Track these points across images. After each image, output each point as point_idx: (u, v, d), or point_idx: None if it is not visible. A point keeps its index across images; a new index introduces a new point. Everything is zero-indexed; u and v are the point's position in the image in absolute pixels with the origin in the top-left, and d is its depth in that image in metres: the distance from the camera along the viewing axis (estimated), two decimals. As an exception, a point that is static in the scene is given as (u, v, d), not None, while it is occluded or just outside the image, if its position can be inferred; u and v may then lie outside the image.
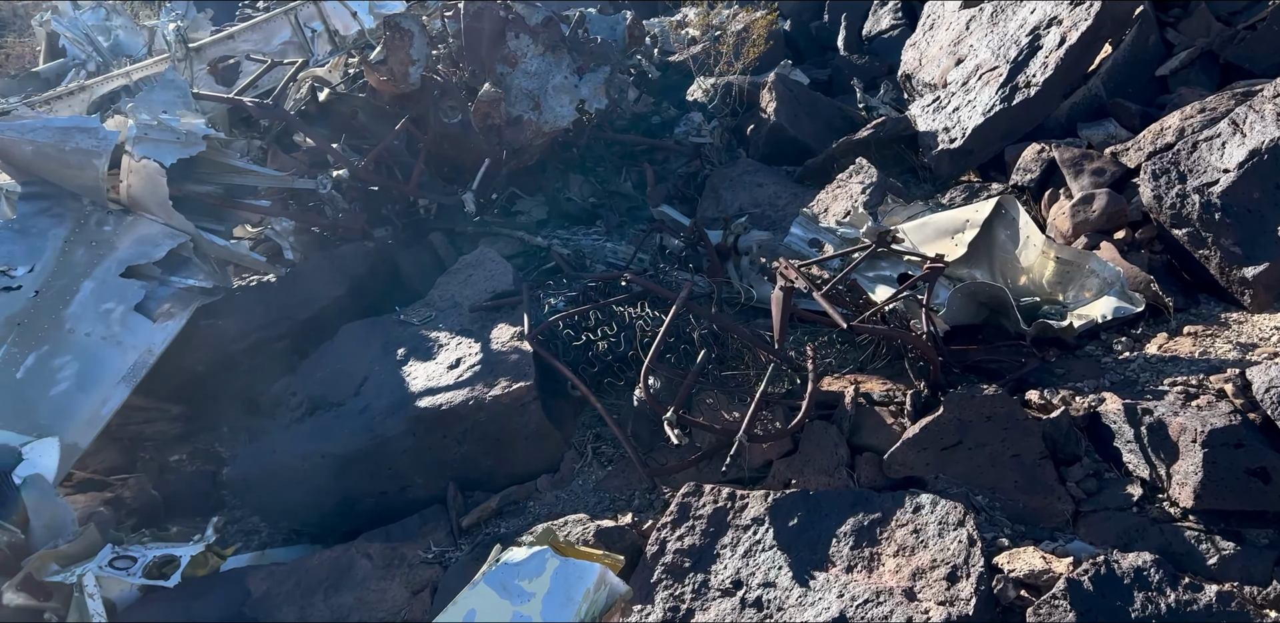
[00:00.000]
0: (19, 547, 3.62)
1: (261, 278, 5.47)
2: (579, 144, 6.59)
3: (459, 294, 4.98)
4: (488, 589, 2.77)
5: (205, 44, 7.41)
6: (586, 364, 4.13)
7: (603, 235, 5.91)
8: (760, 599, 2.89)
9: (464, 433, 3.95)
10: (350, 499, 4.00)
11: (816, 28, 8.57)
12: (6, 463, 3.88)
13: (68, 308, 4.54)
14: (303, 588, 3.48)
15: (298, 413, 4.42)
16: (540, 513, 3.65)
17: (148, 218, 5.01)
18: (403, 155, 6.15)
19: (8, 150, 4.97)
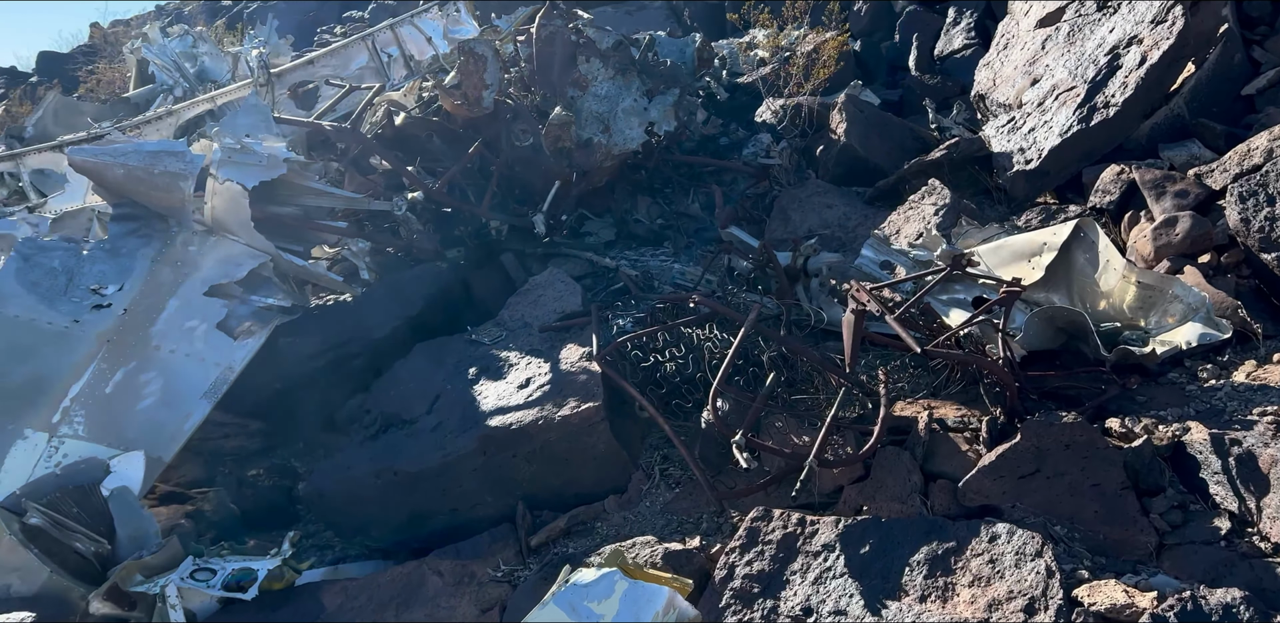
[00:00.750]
0: (106, 557, 3.74)
1: (338, 297, 5.60)
2: (647, 166, 6.63)
3: (529, 314, 5.04)
4: (557, 610, 2.78)
5: (286, 70, 7.67)
6: (654, 386, 4.14)
7: (670, 257, 5.93)
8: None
9: (533, 452, 3.98)
10: (421, 516, 4.05)
11: (887, 48, 8.53)
12: (95, 476, 4.02)
13: (154, 325, 4.71)
14: (375, 604, 3.53)
15: (371, 430, 4.50)
16: (608, 534, 3.65)
17: (230, 238, 5.17)
18: (475, 178, 6.27)
19: (101, 173, 5.19)
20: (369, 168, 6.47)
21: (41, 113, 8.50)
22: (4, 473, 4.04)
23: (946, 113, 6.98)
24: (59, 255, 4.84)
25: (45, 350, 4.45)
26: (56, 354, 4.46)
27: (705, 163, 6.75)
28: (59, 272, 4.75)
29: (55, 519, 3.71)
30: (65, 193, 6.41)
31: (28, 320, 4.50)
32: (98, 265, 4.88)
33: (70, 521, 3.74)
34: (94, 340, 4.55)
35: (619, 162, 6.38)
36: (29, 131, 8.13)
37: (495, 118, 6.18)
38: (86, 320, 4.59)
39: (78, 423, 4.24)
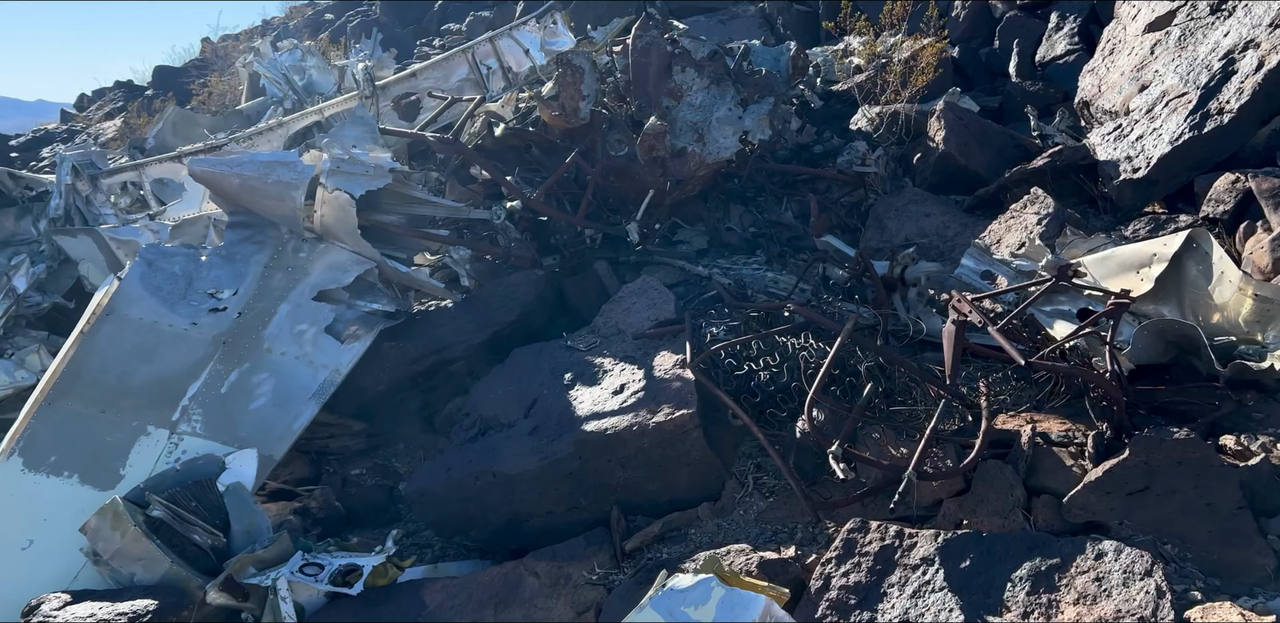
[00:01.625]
0: (221, 550, 3.93)
1: (439, 303, 5.76)
2: (741, 174, 6.65)
3: (622, 321, 5.10)
4: (654, 614, 2.81)
5: (390, 82, 7.92)
6: (748, 394, 4.14)
7: (763, 265, 5.93)
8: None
9: (627, 458, 4.03)
10: (518, 518, 4.14)
11: (986, 54, 8.37)
12: (212, 472, 4.23)
13: (266, 328, 4.92)
14: (474, 602, 3.62)
15: (470, 432, 4.62)
16: (702, 541, 3.68)
17: (338, 246, 5.36)
18: (571, 187, 6.38)
19: (218, 183, 5.45)
20: (469, 178, 6.64)
21: (161, 125, 8.95)
22: (128, 468, 4.26)
23: (1049, 120, 6.83)
24: (179, 261, 5.09)
25: (166, 351, 4.69)
26: (176, 355, 4.70)
27: (799, 171, 6.73)
28: (179, 276, 5.00)
29: (175, 512, 3.91)
30: (183, 201, 6.73)
31: (150, 323, 4.74)
32: (214, 271, 5.12)
33: (189, 514, 3.93)
34: (210, 342, 4.77)
35: (713, 170, 6.41)
36: (150, 143, 8.58)
37: (591, 128, 6.28)
38: (204, 323, 4.82)
39: (196, 421, 4.46)
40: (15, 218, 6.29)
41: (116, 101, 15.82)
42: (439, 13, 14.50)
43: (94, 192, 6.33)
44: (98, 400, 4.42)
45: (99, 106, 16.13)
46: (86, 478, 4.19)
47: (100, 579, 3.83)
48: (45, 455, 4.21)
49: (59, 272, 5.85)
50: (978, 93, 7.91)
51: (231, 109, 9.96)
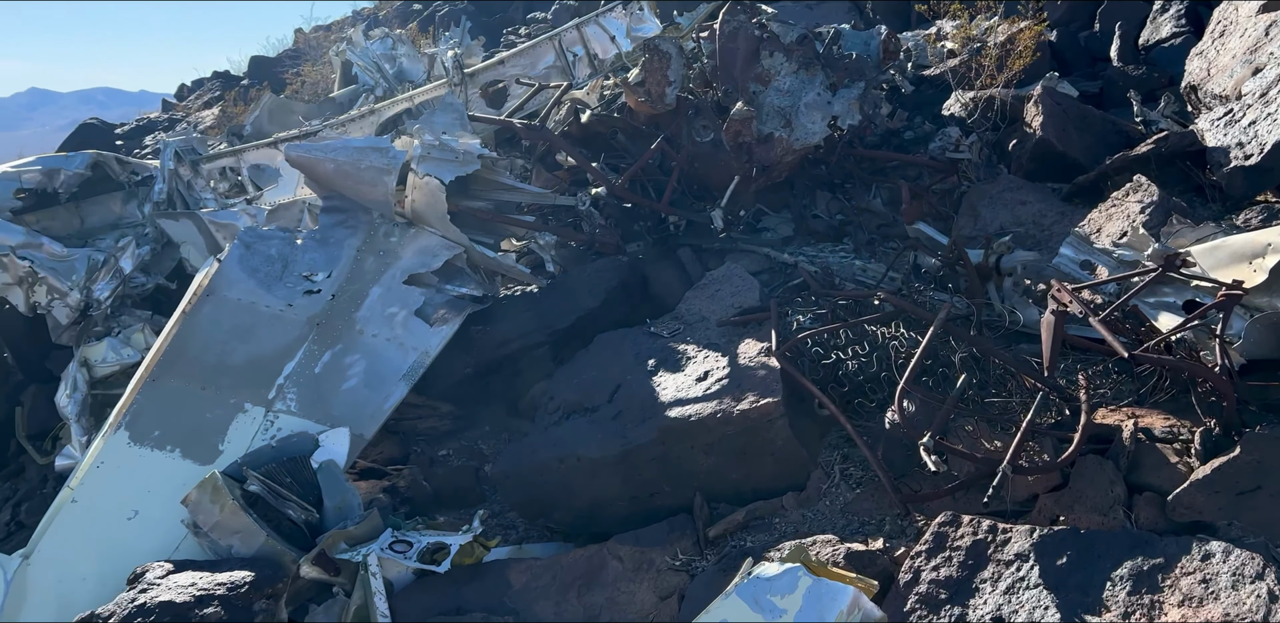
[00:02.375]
0: (314, 525, 4.04)
1: (525, 288, 5.81)
2: (829, 161, 6.54)
3: (706, 309, 5.07)
4: (740, 602, 2.80)
5: (478, 69, 8.00)
6: (835, 383, 4.08)
7: (851, 253, 5.83)
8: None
9: (711, 445, 4.01)
10: (601, 502, 4.16)
11: (1086, 38, 8.07)
12: (305, 449, 4.34)
13: (358, 311, 5.02)
14: (558, 584, 3.66)
15: (555, 416, 4.65)
16: (786, 531, 3.64)
17: (428, 231, 5.44)
18: (656, 174, 6.36)
19: (312, 168, 5.58)
20: (555, 164, 6.67)
21: (258, 112, 9.21)
22: (227, 443, 4.41)
23: (1153, 105, 6.55)
24: (276, 244, 5.23)
25: (263, 332, 4.83)
26: (272, 335, 4.83)
27: (889, 157, 6.59)
28: (275, 259, 5.14)
29: (271, 488, 4.03)
30: (279, 186, 6.92)
31: (248, 304, 4.89)
32: (309, 254, 5.24)
33: (284, 490, 4.05)
34: (305, 324, 4.89)
35: (799, 156, 6.31)
36: (247, 129, 8.83)
37: (677, 114, 6.25)
38: (299, 305, 4.95)
39: (290, 400, 4.58)
40: (122, 202, 6.55)
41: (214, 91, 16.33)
42: (525, 1, 14.60)
43: (195, 177, 6.55)
44: (198, 378, 4.57)
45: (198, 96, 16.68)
46: (188, 452, 4.34)
47: (200, 550, 3.98)
48: (150, 430, 4.38)
49: (162, 254, 6.08)
50: (1077, 78, 7.63)
51: (324, 97, 10.19)
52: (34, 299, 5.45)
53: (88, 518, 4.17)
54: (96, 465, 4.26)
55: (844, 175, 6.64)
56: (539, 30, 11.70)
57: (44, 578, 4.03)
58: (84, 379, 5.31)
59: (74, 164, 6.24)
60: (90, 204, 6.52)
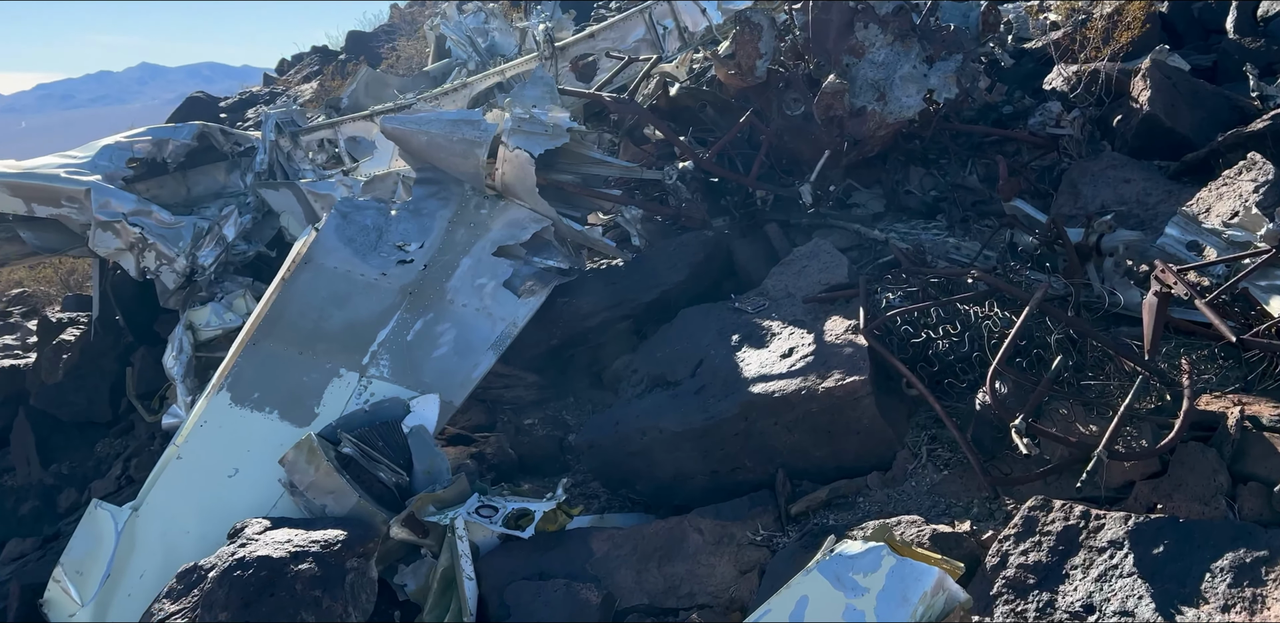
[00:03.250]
0: (404, 488, 4.16)
1: (610, 262, 5.83)
2: (923, 135, 6.38)
3: (792, 285, 5.02)
4: (821, 579, 2.79)
5: (569, 43, 8.01)
6: (925, 363, 4.01)
7: (944, 230, 5.70)
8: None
9: (794, 422, 3.99)
10: (683, 475, 4.18)
11: (1200, 9, 7.67)
12: (397, 414, 4.46)
13: (449, 281, 5.12)
14: (639, 554, 3.70)
15: (638, 389, 4.68)
16: (870, 510, 3.61)
17: (517, 203, 5.50)
18: (744, 147, 6.30)
19: (407, 140, 5.68)
20: (643, 138, 6.65)
21: (354, 86, 9.40)
22: (322, 407, 4.56)
23: (1271, 80, 6.21)
24: (371, 214, 5.35)
25: (358, 299, 4.96)
26: (367, 303, 4.97)
27: (987, 132, 6.41)
28: (370, 229, 5.26)
29: (364, 451, 4.16)
30: (374, 158, 7.07)
31: (344, 272, 5.02)
32: (402, 224, 5.35)
33: (376, 453, 4.18)
34: (398, 292, 5.01)
35: (893, 131, 6.17)
36: (344, 102, 9.03)
37: (767, 87, 6.16)
38: (392, 274, 5.07)
39: (383, 366, 4.71)
40: (226, 172, 6.78)
41: (313, 65, 16.74)
42: (615, -26, 14.53)
43: (294, 148, 6.74)
44: (296, 343, 4.73)
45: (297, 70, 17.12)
46: (285, 414, 4.50)
47: (295, 509, 4.13)
48: (250, 392, 4.56)
49: (263, 222, 6.29)
50: (1188, 51, 7.26)
51: (419, 71, 10.35)
52: (144, 264, 5.70)
53: (191, 474, 4.37)
54: (200, 425, 4.46)
55: (939, 150, 6.48)
56: (629, 3, 11.64)
57: (151, 529, 4.25)
58: (189, 342, 5.55)
59: (181, 135, 6.48)
60: (196, 174, 6.77)
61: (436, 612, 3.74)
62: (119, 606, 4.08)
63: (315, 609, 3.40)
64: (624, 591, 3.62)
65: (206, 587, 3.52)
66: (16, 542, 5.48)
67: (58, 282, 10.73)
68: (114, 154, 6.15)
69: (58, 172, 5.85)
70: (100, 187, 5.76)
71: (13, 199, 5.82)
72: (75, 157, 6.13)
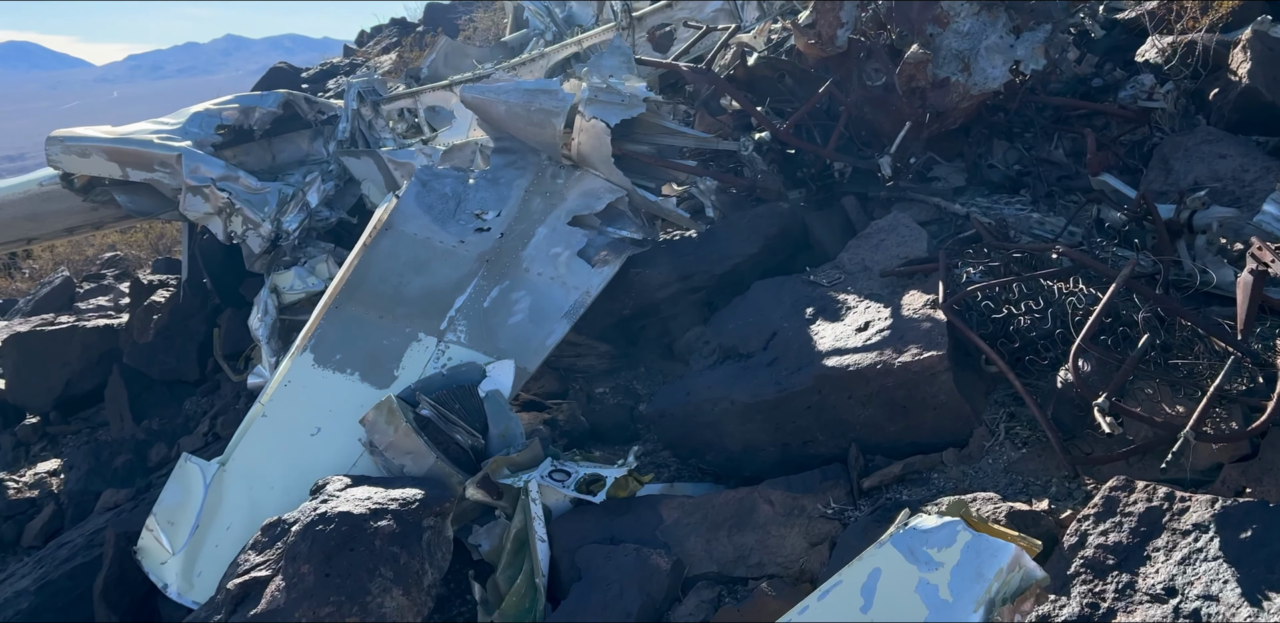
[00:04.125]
0: (479, 450, 4.24)
1: (684, 233, 5.83)
2: (1008, 108, 6.20)
3: (869, 259, 4.96)
4: (894, 552, 2.78)
5: (646, 13, 7.96)
6: (1005, 339, 3.94)
7: (1028, 205, 5.57)
8: (1198, 612, 2.63)
9: (869, 396, 3.96)
10: (753, 447, 4.19)
11: (1310, -26, 7.29)
12: (473, 379, 4.55)
13: (525, 249, 5.17)
14: (709, 523, 3.73)
15: (709, 360, 4.69)
16: (944, 486, 3.58)
17: (592, 173, 5.52)
18: (822, 119, 6.20)
19: (485, 109, 5.73)
20: (719, 108, 6.59)
21: (434, 56, 9.49)
22: (401, 370, 4.66)
23: (1384, 50, 5.89)
24: (450, 182, 5.42)
25: (436, 266, 5.05)
26: (445, 270, 5.05)
27: (1075, 105, 6.20)
28: (449, 197, 5.33)
29: (442, 413, 4.25)
30: (452, 128, 7.14)
31: (424, 239, 5.11)
32: (480, 193, 5.41)
33: (453, 416, 4.26)
34: (475, 260, 5.08)
35: (977, 103, 6.02)
36: (424, 73, 9.13)
37: (847, 57, 6.05)
38: (470, 241, 5.14)
39: (460, 331, 4.79)
40: (309, 140, 6.92)
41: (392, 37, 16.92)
42: (693, -58, 14.34)
43: (375, 117, 6.85)
44: (376, 307, 4.84)
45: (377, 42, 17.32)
46: (365, 376, 4.62)
47: (374, 468, 4.25)
48: (332, 354, 4.68)
49: (344, 190, 6.41)
50: (1296, 20, 6.93)
51: (497, 41, 10.39)
52: (231, 229, 5.88)
53: (276, 432, 4.52)
54: (284, 384, 4.60)
55: (1024, 123, 6.30)
56: (707, -28, 11.49)
57: (237, 484, 4.41)
58: (274, 305, 5.71)
59: (268, 103, 6.64)
60: (281, 141, 6.92)
61: (509, 572, 3.83)
62: (207, 555, 4.26)
63: (393, 565, 3.51)
64: (693, 558, 3.66)
65: (290, 540, 3.65)
66: (111, 492, 5.75)
67: (148, 246, 11.12)
68: (203, 121, 6.32)
69: (151, 137, 6.04)
70: (191, 152, 5.94)
71: (109, 164, 6.03)
72: (167, 123, 6.32)
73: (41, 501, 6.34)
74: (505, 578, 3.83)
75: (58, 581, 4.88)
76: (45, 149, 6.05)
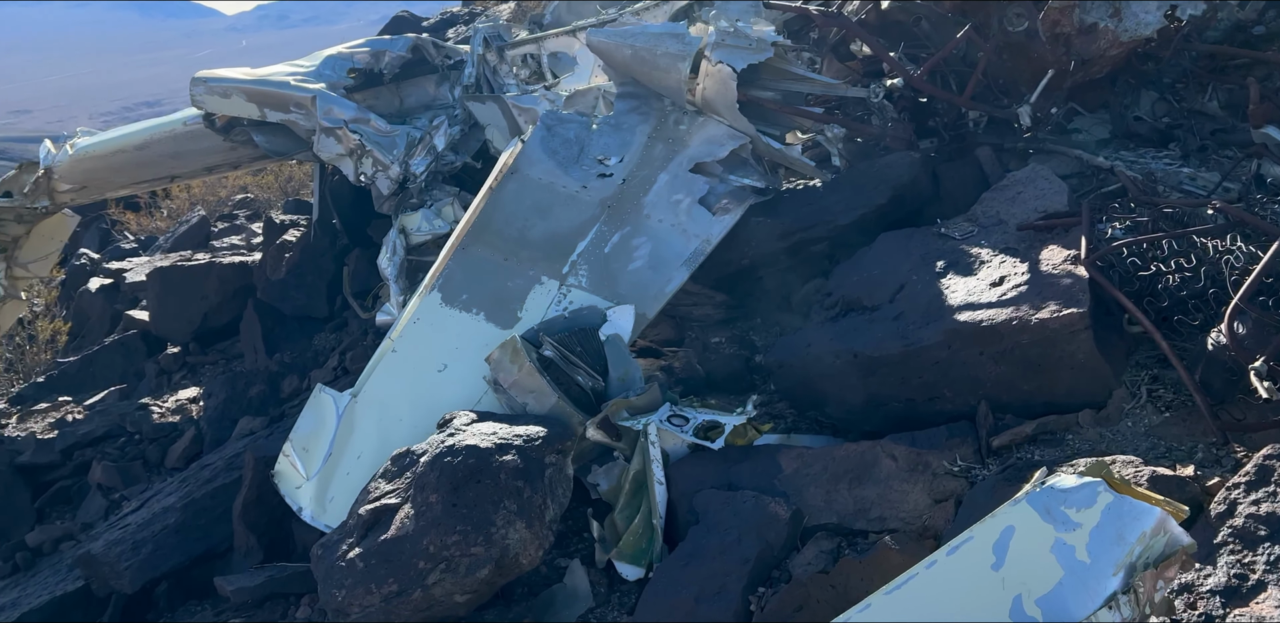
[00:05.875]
0: (599, 392, 4.29)
1: (808, 182, 5.70)
2: (1161, 56, 5.82)
3: (1005, 211, 4.77)
4: (1030, 510, 2.69)
5: (774, -45, 7.70)
6: (1152, 298, 3.76)
7: (1177, 160, 5.25)
8: (1360, 589, 2.48)
9: (1002, 353, 3.83)
10: (876, 400, 4.12)
11: None
12: (594, 323, 4.59)
13: (646, 196, 5.14)
14: (829, 474, 3.70)
15: (831, 312, 4.61)
16: (1080, 448, 3.45)
17: (715, 120, 5.43)
18: (959, 65, 5.95)
19: (610, 54, 5.67)
20: (848, 54, 6.40)
21: (556, 2, 9.43)
22: (524, 311, 4.73)
23: None
24: (573, 127, 5.41)
25: (559, 210, 5.07)
26: (567, 214, 5.07)
27: (1235, 54, 5.78)
28: (573, 142, 5.33)
29: (564, 354, 4.31)
30: (574, 74, 7.11)
31: (547, 183, 5.13)
32: (603, 138, 5.39)
33: (575, 357, 4.32)
34: (597, 205, 5.08)
35: (1126, 50, 5.66)
36: (547, 18, 9.09)
37: (988, 1, 5.76)
38: (592, 187, 5.14)
39: (582, 276, 4.82)
40: (436, 84, 7.02)
41: (509, -17, 16.89)
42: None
43: (500, 62, 6.87)
44: (501, 249, 4.90)
45: (494, -11, 17.32)
46: (490, 316, 4.71)
47: (497, 405, 4.35)
48: (458, 294, 4.78)
49: (469, 135, 6.48)
50: None
51: (617, -14, 10.27)
52: (361, 170, 6.02)
53: (404, 367, 4.66)
54: (413, 321, 4.73)
55: (1177, 73, 5.91)
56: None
57: (368, 415, 4.58)
58: (402, 245, 5.86)
59: (397, 47, 6.73)
60: (408, 85, 7.03)
61: (627, 512, 3.89)
62: (339, 482, 4.46)
63: (517, 498, 3.60)
64: (812, 509, 3.64)
65: (419, 470, 3.78)
66: (247, 419, 6.06)
67: (277, 188, 11.54)
68: (336, 64, 6.46)
69: (287, 79, 6.21)
70: (324, 94, 6.08)
71: (248, 104, 6.23)
72: (301, 65, 6.48)
73: (183, 425, 6.74)
74: (623, 518, 3.89)
75: (200, 500, 5.20)
76: (190, 89, 6.29)
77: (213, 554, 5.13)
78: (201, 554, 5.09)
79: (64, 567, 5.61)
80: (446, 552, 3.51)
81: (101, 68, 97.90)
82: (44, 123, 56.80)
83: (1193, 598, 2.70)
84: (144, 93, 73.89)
